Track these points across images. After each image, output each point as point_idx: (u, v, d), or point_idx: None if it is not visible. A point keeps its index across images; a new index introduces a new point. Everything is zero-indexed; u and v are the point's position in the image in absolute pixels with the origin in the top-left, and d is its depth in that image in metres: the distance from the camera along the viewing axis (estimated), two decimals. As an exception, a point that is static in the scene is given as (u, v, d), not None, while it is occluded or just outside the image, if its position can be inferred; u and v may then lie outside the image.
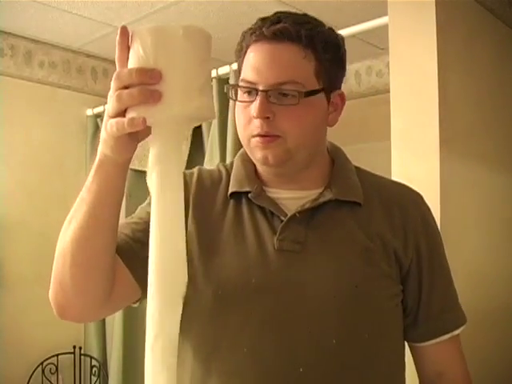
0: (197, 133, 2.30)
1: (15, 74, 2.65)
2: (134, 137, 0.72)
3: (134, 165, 2.32)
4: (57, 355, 2.61)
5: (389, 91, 1.62)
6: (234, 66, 2.02)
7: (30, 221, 2.60)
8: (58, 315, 0.84)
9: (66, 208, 0.84)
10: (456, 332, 0.95)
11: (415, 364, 0.99)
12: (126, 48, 0.71)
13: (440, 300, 0.95)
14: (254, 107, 0.85)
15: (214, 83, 2.15)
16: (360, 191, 0.94)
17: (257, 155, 0.88)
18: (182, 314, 0.92)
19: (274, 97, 0.85)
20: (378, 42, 2.59)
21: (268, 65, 0.85)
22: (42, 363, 2.56)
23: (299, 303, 0.85)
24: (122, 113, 0.70)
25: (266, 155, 0.87)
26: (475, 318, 1.06)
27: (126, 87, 0.69)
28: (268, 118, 0.85)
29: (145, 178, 0.75)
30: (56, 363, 2.61)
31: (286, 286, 0.85)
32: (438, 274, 0.95)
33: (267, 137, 0.86)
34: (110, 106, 0.70)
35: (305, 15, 0.92)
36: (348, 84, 2.93)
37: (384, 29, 1.65)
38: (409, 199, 0.97)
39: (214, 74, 2.16)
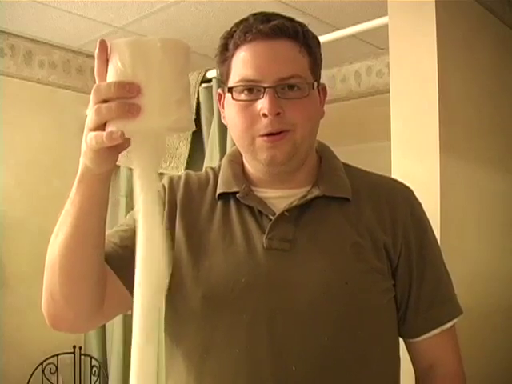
0: (197, 133, 2.30)
1: (15, 74, 2.65)
2: (114, 148, 0.72)
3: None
4: (57, 355, 2.61)
5: (389, 91, 1.63)
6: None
7: (30, 221, 2.60)
8: (51, 326, 0.84)
9: (65, 208, 0.84)
10: (447, 326, 0.94)
11: (409, 356, 0.98)
12: (104, 61, 0.71)
13: (430, 294, 0.94)
14: (263, 105, 0.84)
15: (214, 83, 2.15)
16: (348, 187, 0.94)
17: (262, 155, 0.88)
18: (171, 319, 0.92)
19: (280, 92, 0.85)
20: (378, 42, 2.59)
21: (271, 61, 0.86)
22: (42, 363, 2.56)
23: (290, 301, 0.85)
24: (101, 126, 0.69)
25: (273, 154, 0.87)
26: (474, 319, 1.06)
27: (105, 100, 0.69)
28: (279, 113, 0.85)
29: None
30: (56, 363, 2.61)
31: (276, 284, 0.85)
32: (429, 268, 0.94)
33: (277, 135, 0.86)
34: (90, 119, 0.70)
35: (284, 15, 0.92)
36: (348, 84, 2.94)
37: (384, 29, 1.65)
38: (398, 193, 0.97)
39: (213, 74, 2.16)
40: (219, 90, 0.97)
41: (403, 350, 0.97)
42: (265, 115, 0.85)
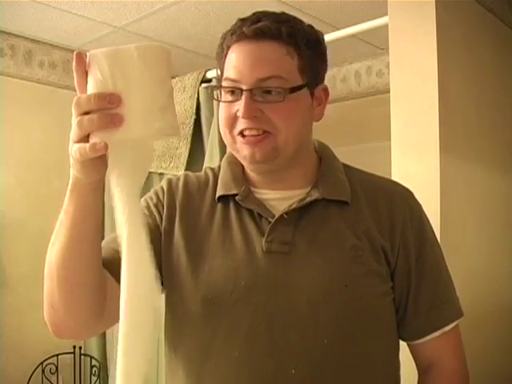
0: (197, 133, 2.30)
1: (15, 74, 2.65)
2: (102, 158, 0.71)
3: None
4: (57, 355, 2.61)
5: (389, 91, 1.63)
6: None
7: (30, 221, 2.61)
8: (54, 334, 0.84)
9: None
10: (447, 328, 0.93)
11: (411, 354, 0.98)
12: (83, 73, 0.70)
13: (429, 296, 0.93)
14: (240, 107, 0.85)
15: (214, 83, 2.15)
16: (347, 189, 0.93)
17: (243, 152, 0.88)
18: (170, 323, 0.92)
19: (258, 95, 0.85)
20: (378, 42, 2.59)
21: (250, 63, 0.85)
22: (42, 363, 2.56)
23: (289, 304, 0.84)
24: (85, 137, 0.69)
25: (252, 153, 0.87)
26: (474, 318, 1.06)
27: (86, 112, 0.68)
28: (255, 117, 0.85)
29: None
30: (56, 363, 2.62)
31: (275, 287, 0.85)
32: (428, 271, 0.93)
33: (254, 137, 0.86)
34: (72, 132, 0.70)
35: (284, 13, 0.91)
36: (348, 84, 2.94)
37: (384, 29, 1.65)
38: (396, 195, 0.96)
39: (213, 74, 2.16)
40: None
41: (403, 351, 0.97)
42: (241, 117, 0.85)
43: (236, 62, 0.87)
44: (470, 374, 0.97)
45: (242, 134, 0.87)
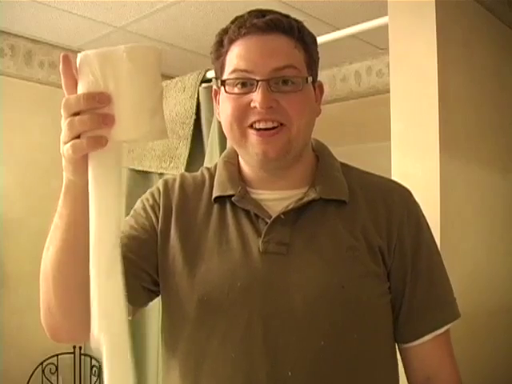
0: (197, 133, 2.30)
1: (15, 73, 2.65)
2: None
3: (134, 165, 2.32)
4: (57, 355, 2.61)
5: (389, 91, 1.62)
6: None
7: (29, 220, 2.61)
8: (51, 338, 0.84)
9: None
10: (439, 331, 0.91)
11: (404, 368, 0.95)
12: (70, 75, 0.70)
13: (423, 298, 0.91)
14: (257, 98, 0.84)
15: (214, 83, 2.15)
16: (345, 189, 0.92)
17: (254, 150, 0.87)
18: (167, 324, 0.92)
19: (274, 86, 0.85)
20: (378, 42, 2.60)
21: (263, 53, 0.85)
22: (42, 363, 2.56)
23: (286, 305, 0.84)
24: (75, 139, 0.69)
25: (265, 150, 0.86)
26: (473, 318, 1.06)
27: (76, 113, 0.68)
28: (271, 107, 0.84)
29: (144, 177, 0.74)
30: (56, 363, 2.62)
31: (271, 288, 0.84)
32: (423, 272, 0.92)
33: (269, 130, 0.85)
34: (63, 133, 0.69)
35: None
36: (348, 84, 2.94)
37: (384, 29, 1.65)
38: (395, 195, 0.95)
39: (214, 74, 2.16)
40: (214, 87, 0.97)
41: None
42: (258, 108, 0.84)
43: (246, 54, 0.86)
44: (469, 375, 0.97)
45: (252, 127, 0.86)
